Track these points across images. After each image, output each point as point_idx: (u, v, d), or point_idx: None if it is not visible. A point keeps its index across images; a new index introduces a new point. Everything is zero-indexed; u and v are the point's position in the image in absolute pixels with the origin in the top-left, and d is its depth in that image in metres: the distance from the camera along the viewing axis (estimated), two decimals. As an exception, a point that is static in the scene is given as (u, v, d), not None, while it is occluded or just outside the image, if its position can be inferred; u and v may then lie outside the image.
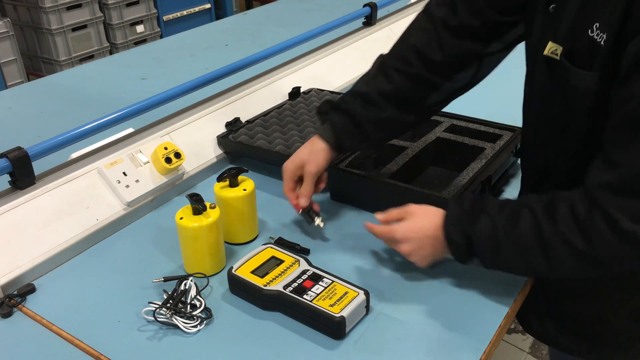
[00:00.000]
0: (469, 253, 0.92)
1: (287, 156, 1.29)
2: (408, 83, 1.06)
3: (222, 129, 1.43)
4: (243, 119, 1.47)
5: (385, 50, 1.12)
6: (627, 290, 0.98)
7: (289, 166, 1.12)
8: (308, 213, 1.13)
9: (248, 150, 1.36)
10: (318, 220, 1.12)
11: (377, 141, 1.13)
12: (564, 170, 0.96)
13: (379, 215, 1.03)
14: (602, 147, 0.82)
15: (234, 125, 1.44)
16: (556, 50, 0.87)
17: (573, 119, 0.88)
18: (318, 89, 1.66)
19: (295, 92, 1.61)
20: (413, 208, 0.99)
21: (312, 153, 1.11)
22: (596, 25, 0.79)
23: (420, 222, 0.98)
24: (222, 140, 1.40)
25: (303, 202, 1.11)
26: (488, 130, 1.36)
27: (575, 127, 0.89)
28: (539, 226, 0.84)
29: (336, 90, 1.69)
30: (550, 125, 0.95)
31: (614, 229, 0.78)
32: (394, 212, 1.01)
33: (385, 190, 1.16)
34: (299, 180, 1.13)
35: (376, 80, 1.08)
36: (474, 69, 1.08)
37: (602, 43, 0.78)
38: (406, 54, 1.06)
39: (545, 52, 0.88)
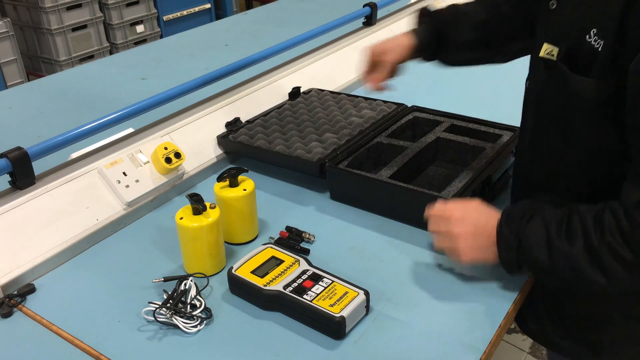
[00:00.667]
0: (518, 256, 0.90)
1: (287, 156, 1.29)
2: (497, 20, 1.13)
3: (222, 129, 1.43)
4: (243, 119, 1.47)
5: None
6: (626, 293, 0.98)
7: (371, 50, 1.18)
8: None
9: (248, 150, 1.37)
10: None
11: (451, 62, 1.22)
12: (561, 177, 0.95)
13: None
14: (605, 153, 0.83)
15: (234, 125, 1.44)
16: (552, 51, 0.86)
17: (573, 122, 0.87)
18: (318, 89, 1.66)
19: (295, 92, 1.61)
20: (459, 208, 0.97)
21: (398, 46, 1.16)
22: (594, 31, 0.78)
23: (478, 211, 0.95)
24: (222, 140, 1.40)
25: (371, 86, 1.18)
26: (488, 131, 1.36)
27: (576, 130, 0.88)
28: (587, 235, 0.82)
29: (336, 90, 1.69)
30: (550, 128, 0.94)
31: None
32: (437, 211, 0.99)
33: (385, 190, 1.16)
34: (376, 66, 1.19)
35: (478, 7, 1.17)
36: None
37: (599, 49, 0.77)
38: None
39: (541, 53, 0.88)
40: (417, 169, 1.31)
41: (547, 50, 0.87)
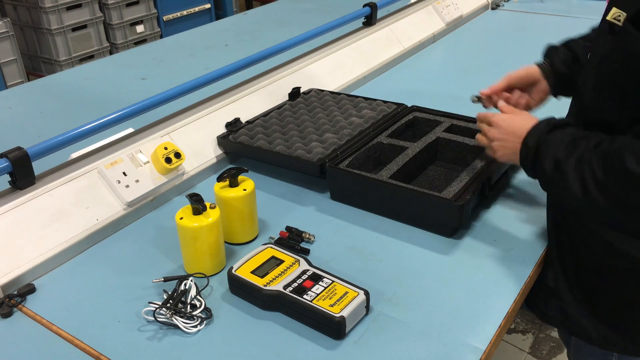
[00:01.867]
0: (534, 162, 0.99)
1: (288, 156, 1.29)
2: None
3: (222, 129, 1.43)
4: (243, 119, 1.47)
5: (385, 49, 1.12)
6: None
7: (522, 76, 1.23)
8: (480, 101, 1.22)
9: (248, 150, 1.37)
10: (475, 97, 1.22)
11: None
12: None
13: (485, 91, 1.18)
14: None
15: (234, 125, 1.44)
16: (619, 16, 0.89)
17: (631, 87, 0.90)
18: (318, 89, 1.66)
19: (295, 93, 1.61)
20: (501, 115, 1.10)
21: (542, 92, 1.22)
22: None
23: (511, 123, 1.07)
24: (222, 140, 1.40)
25: (502, 105, 1.17)
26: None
27: (633, 98, 0.90)
28: (585, 151, 0.91)
29: (336, 91, 1.69)
30: (610, 96, 0.96)
31: (622, 166, 0.84)
32: (482, 116, 1.14)
33: (386, 190, 1.16)
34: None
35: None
36: None
37: None
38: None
39: (609, 17, 0.91)
40: (417, 169, 1.31)
41: (614, 14, 0.90)
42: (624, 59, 0.90)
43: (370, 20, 2.04)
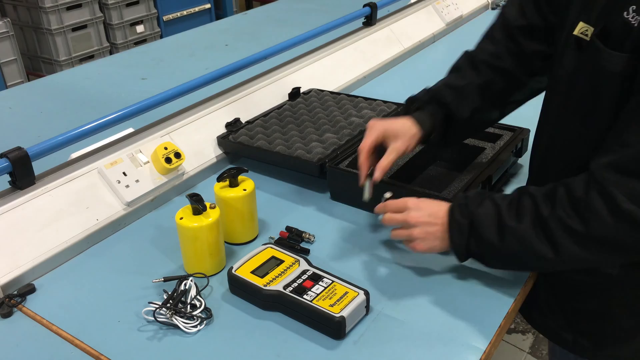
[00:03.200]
0: (468, 239, 0.93)
1: (288, 156, 1.29)
2: (498, 77, 1.09)
3: (222, 129, 1.43)
4: (243, 119, 1.47)
5: (385, 49, 1.12)
6: (628, 284, 0.98)
7: (379, 127, 1.07)
8: (373, 186, 1.09)
9: (248, 150, 1.37)
10: (388, 195, 1.07)
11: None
12: (581, 166, 0.94)
13: (379, 206, 1.05)
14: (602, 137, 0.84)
15: (234, 125, 1.44)
16: (587, 30, 0.88)
17: (598, 105, 0.88)
18: (318, 90, 1.66)
19: (295, 93, 1.61)
20: (414, 199, 1.01)
21: (407, 135, 1.07)
22: (633, 8, 0.80)
23: (432, 201, 1.00)
24: (222, 140, 1.40)
25: (378, 175, 1.07)
26: (488, 130, 1.36)
27: (599, 115, 0.88)
28: (538, 210, 0.86)
29: (336, 91, 1.69)
30: (574, 112, 0.94)
31: (611, 208, 0.79)
32: (393, 202, 1.03)
33: (386, 190, 1.16)
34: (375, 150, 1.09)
35: (468, 74, 1.10)
36: (548, 69, 1.10)
37: (635, 25, 0.79)
38: (495, 49, 1.09)
39: (575, 32, 0.89)
40: (417, 169, 1.31)
41: (582, 29, 0.89)
42: (592, 76, 0.87)
43: (370, 20, 2.04)
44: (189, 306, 0.95)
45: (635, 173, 0.79)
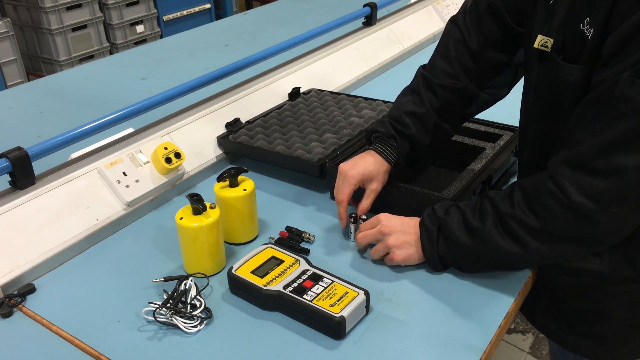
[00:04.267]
0: (437, 243, 0.98)
1: (288, 156, 1.29)
2: (454, 97, 1.12)
3: (222, 129, 1.43)
4: (243, 119, 1.47)
5: (385, 49, 1.12)
6: (617, 279, 0.98)
7: (355, 174, 1.09)
8: (355, 224, 1.11)
9: (248, 150, 1.37)
10: (364, 217, 1.10)
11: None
12: None
13: (359, 238, 1.07)
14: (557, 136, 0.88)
15: (234, 125, 1.44)
16: (546, 42, 0.90)
17: (561, 112, 0.91)
18: (318, 89, 1.66)
19: (295, 93, 1.61)
20: (385, 214, 1.06)
21: (379, 172, 1.11)
22: (587, 20, 0.82)
23: (400, 217, 1.05)
24: (222, 140, 1.40)
25: (361, 213, 1.11)
26: (488, 130, 1.36)
27: (563, 121, 0.91)
28: (498, 211, 0.91)
29: (336, 91, 1.69)
30: (542, 119, 0.97)
31: (562, 201, 0.83)
32: (366, 222, 1.08)
33: (386, 190, 1.16)
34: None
35: (427, 97, 1.12)
36: (511, 77, 1.15)
37: (589, 37, 0.82)
38: (451, 69, 1.11)
39: (536, 44, 0.92)
40: (417, 169, 1.31)
41: (541, 41, 0.91)
42: (553, 85, 0.91)
43: (370, 20, 2.04)
44: (189, 306, 0.95)
45: (585, 167, 0.82)
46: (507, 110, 1.29)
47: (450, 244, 0.97)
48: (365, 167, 1.10)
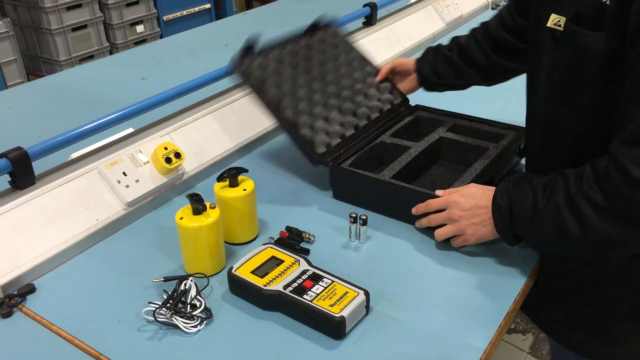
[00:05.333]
0: (510, 221, 0.96)
1: (294, 132, 1.26)
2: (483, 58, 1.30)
3: (222, 129, 1.43)
4: (243, 119, 1.46)
5: (385, 49, 1.12)
6: (630, 279, 0.98)
7: (388, 66, 1.46)
8: (355, 224, 1.12)
9: (258, 98, 1.30)
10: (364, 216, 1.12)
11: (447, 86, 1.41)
12: (570, 159, 0.97)
13: (420, 206, 1.09)
14: (613, 121, 0.86)
15: (248, 50, 1.35)
16: (559, 21, 0.90)
17: (583, 88, 0.90)
18: (337, 30, 1.57)
19: (313, 27, 1.51)
20: (454, 195, 1.05)
21: (412, 79, 1.44)
22: None
23: (474, 191, 1.03)
24: (237, 63, 1.32)
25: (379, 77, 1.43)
26: (491, 130, 1.36)
27: (585, 97, 0.90)
28: (568, 188, 0.89)
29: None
30: (559, 103, 0.96)
31: (625, 177, 0.81)
32: (435, 202, 1.07)
33: (388, 189, 1.16)
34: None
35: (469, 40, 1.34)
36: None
37: (607, 3, 0.81)
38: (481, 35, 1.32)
39: (548, 24, 0.91)
40: (419, 168, 1.31)
41: (554, 20, 0.91)
42: (572, 61, 0.89)
43: (370, 20, 2.04)
44: (189, 306, 0.95)
45: None
46: (510, 109, 1.29)
47: (520, 225, 0.96)
48: (405, 63, 1.46)
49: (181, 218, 1.01)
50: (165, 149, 1.24)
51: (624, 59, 0.83)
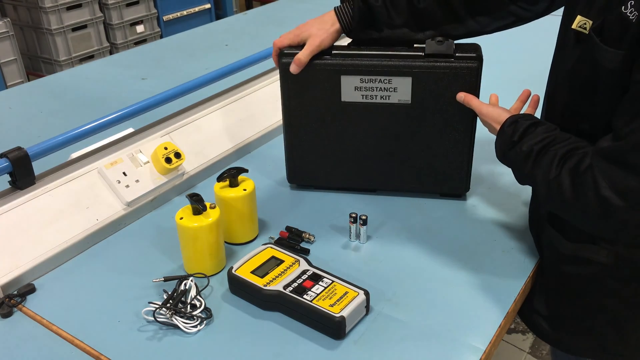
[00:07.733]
0: (507, 150, 0.99)
1: None
2: (437, 6, 1.14)
3: (222, 129, 1.43)
4: (243, 119, 1.46)
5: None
6: (619, 274, 0.98)
7: (289, 35, 1.19)
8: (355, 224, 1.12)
9: None
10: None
11: (380, 40, 1.23)
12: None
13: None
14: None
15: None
16: (585, 24, 0.89)
17: (595, 99, 0.89)
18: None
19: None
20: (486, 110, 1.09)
21: (322, 30, 1.20)
22: (631, 3, 0.80)
23: (497, 116, 1.05)
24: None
25: (294, 68, 1.16)
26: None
27: (597, 108, 0.89)
28: (551, 163, 0.90)
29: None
30: (574, 106, 0.96)
31: (596, 191, 0.82)
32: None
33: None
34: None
35: None
36: (503, 21, 1.15)
37: (633, 21, 0.79)
38: None
39: (574, 25, 0.90)
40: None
41: (580, 22, 0.90)
42: (590, 69, 0.89)
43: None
44: (189, 306, 0.95)
45: (620, 162, 0.81)
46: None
47: (510, 157, 0.99)
48: (303, 28, 1.19)
49: (181, 218, 1.01)
50: (165, 149, 1.24)
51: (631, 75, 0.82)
